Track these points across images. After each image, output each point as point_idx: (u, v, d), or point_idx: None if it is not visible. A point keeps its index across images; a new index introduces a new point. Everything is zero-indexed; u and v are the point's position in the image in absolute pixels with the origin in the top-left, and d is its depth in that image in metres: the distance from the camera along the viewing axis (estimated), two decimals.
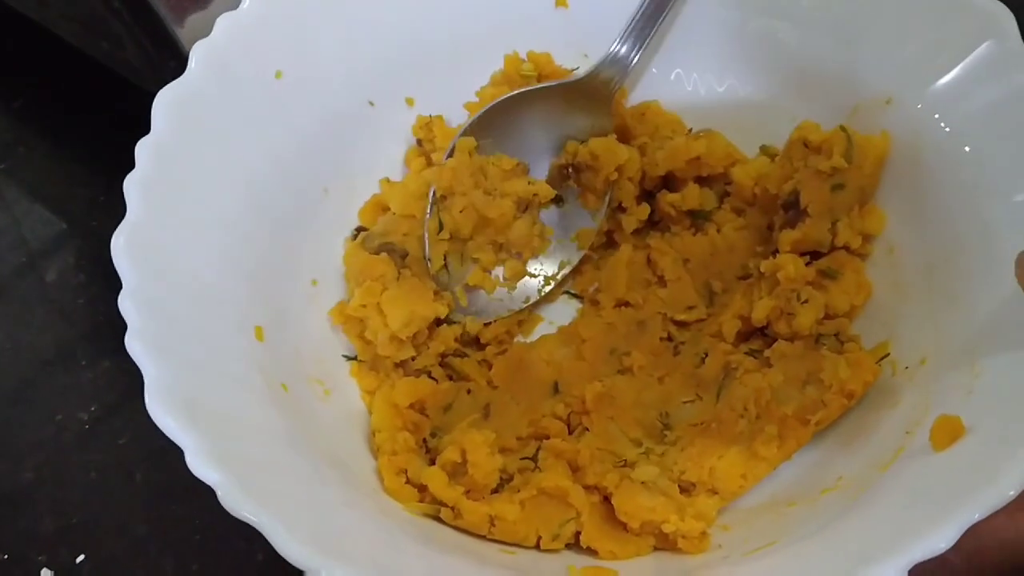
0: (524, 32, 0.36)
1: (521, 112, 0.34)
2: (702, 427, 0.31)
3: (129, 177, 0.29)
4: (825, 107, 0.34)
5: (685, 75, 0.35)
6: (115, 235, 0.27)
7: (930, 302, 0.30)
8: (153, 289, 0.27)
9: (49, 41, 0.43)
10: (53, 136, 0.45)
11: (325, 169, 0.34)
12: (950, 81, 0.31)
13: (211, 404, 0.26)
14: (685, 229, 0.35)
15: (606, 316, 0.35)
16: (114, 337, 0.30)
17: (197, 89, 0.31)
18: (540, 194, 0.34)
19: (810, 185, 0.32)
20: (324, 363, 0.32)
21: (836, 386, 0.29)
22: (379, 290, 0.32)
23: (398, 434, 0.30)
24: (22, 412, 0.37)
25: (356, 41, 0.34)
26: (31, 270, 0.41)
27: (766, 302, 0.31)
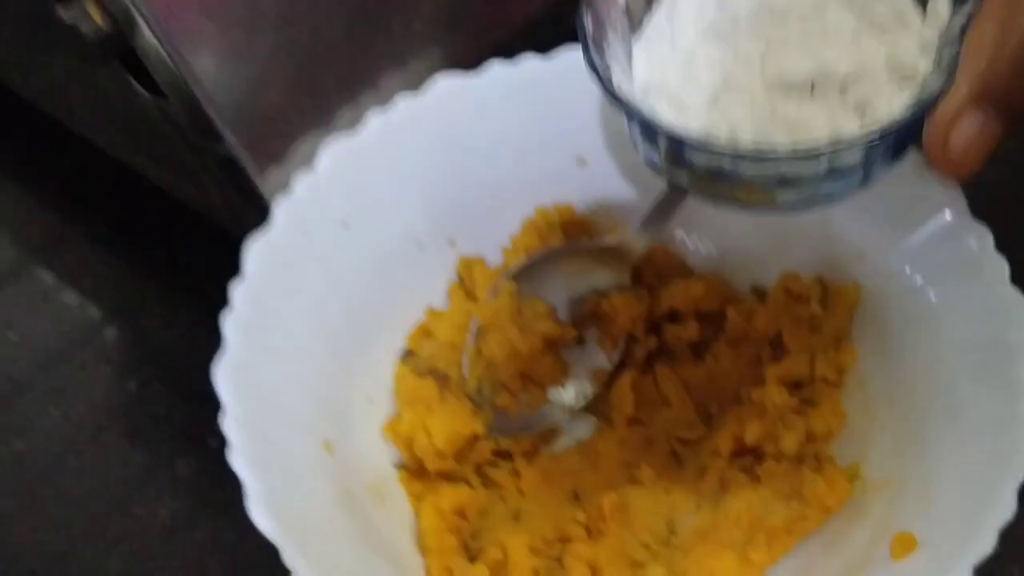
0: (550, 186, 0.42)
1: (556, 264, 0.40)
2: (702, 534, 0.36)
3: (226, 314, 0.34)
4: (806, 257, 0.39)
5: (687, 236, 0.41)
6: (216, 366, 0.33)
7: (894, 429, 0.35)
8: (248, 412, 0.32)
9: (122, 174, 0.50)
10: (126, 260, 0.51)
11: (379, 301, 0.40)
12: (915, 242, 0.36)
13: (296, 509, 0.31)
14: (687, 358, 0.41)
15: (619, 433, 0.40)
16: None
17: (279, 237, 0.37)
18: (565, 335, 0.40)
19: (792, 327, 0.38)
20: (378, 471, 0.38)
21: (815, 502, 0.34)
22: (425, 411, 0.38)
23: (444, 536, 0.35)
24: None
25: (409, 193, 0.40)
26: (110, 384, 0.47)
27: (757, 426, 0.37)
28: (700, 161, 0.29)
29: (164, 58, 0.35)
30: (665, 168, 0.31)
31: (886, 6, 0.29)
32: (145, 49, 0.36)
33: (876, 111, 0.28)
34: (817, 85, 0.28)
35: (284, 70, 0.38)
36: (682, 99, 0.29)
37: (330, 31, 0.39)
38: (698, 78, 0.29)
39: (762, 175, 0.29)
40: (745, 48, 0.29)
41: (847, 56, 0.28)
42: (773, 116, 0.28)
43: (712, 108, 0.29)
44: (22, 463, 0.45)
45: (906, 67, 0.28)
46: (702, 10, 0.31)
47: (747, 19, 0.29)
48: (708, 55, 0.30)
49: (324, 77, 0.40)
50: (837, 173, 0.28)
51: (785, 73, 0.28)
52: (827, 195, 0.30)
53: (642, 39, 0.31)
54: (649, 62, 0.31)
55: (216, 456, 0.43)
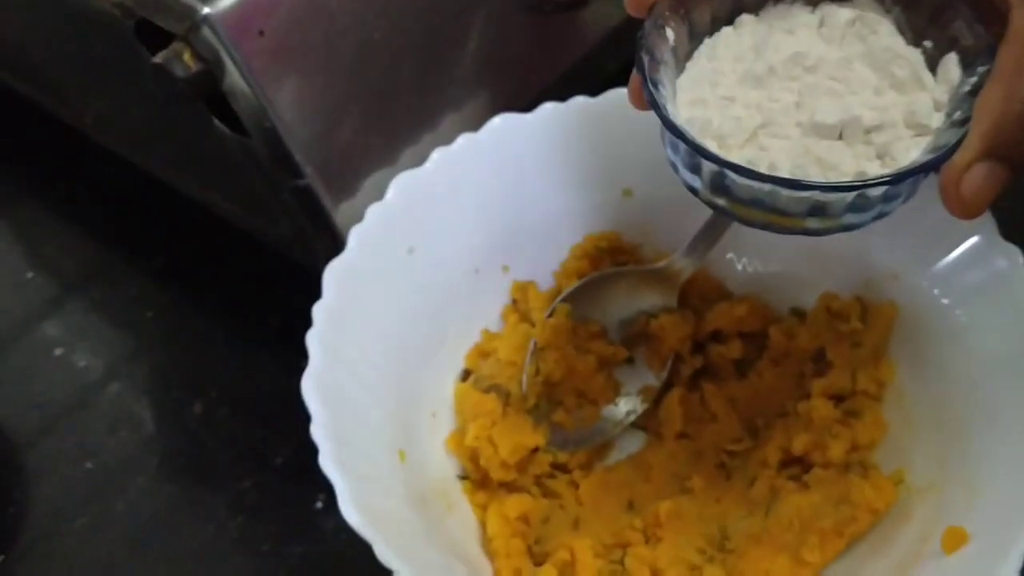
0: (598, 215, 0.45)
1: (608, 287, 0.43)
2: (755, 538, 0.38)
3: (310, 333, 0.37)
4: (842, 279, 0.42)
5: (736, 258, 0.44)
6: (304, 379, 0.35)
7: (935, 437, 0.37)
8: (332, 420, 0.35)
9: (186, 207, 0.52)
10: (192, 291, 0.54)
11: (441, 323, 0.42)
12: (947, 264, 0.38)
13: (378, 509, 0.33)
14: (731, 375, 0.43)
15: (668, 446, 0.42)
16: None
17: (354, 264, 0.39)
18: (616, 354, 0.42)
19: (834, 343, 0.40)
20: (444, 482, 0.40)
21: (864, 505, 0.36)
22: (490, 424, 0.40)
23: (511, 540, 0.37)
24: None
25: (466, 222, 0.43)
26: (176, 408, 0.49)
27: (804, 436, 0.39)
28: (741, 188, 0.32)
29: (251, 98, 0.38)
30: (705, 193, 0.34)
31: (904, 68, 0.32)
32: (232, 90, 0.39)
33: (896, 157, 0.31)
34: (845, 131, 0.32)
35: (357, 111, 0.42)
36: (723, 135, 0.32)
37: (397, 76, 0.42)
38: (737, 117, 0.32)
39: (796, 203, 0.32)
40: (780, 94, 0.33)
41: (871, 108, 0.32)
42: (807, 155, 0.31)
43: (751, 145, 0.32)
44: (94, 481, 0.47)
45: (921, 122, 0.32)
46: (740, 57, 0.34)
47: (782, 69, 0.33)
48: (746, 97, 0.33)
49: (392, 118, 0.43)
50: (860, 206, 0.32)
51: (818, 118, 0.32)
52: (848, 224, 0.33)
53: (685, 78, 0.34)
54: (691, 100, 0.33)
55: (280, 476, 0.46)
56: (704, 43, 0.34)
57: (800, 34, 0.34)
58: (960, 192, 0.30)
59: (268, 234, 0.47)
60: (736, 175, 0.31)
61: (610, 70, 0.51)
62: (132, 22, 0.40)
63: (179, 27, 0.38)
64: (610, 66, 0.51)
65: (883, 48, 0.33)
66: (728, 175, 0.31)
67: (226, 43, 0.37)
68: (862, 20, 0.33)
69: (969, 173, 0.29)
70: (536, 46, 0.48)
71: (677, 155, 0.34)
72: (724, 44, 0.34)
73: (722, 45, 0.34)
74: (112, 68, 0.46)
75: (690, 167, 0.33)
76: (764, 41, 0.33)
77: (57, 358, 0.51)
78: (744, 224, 0.34)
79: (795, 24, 0.34)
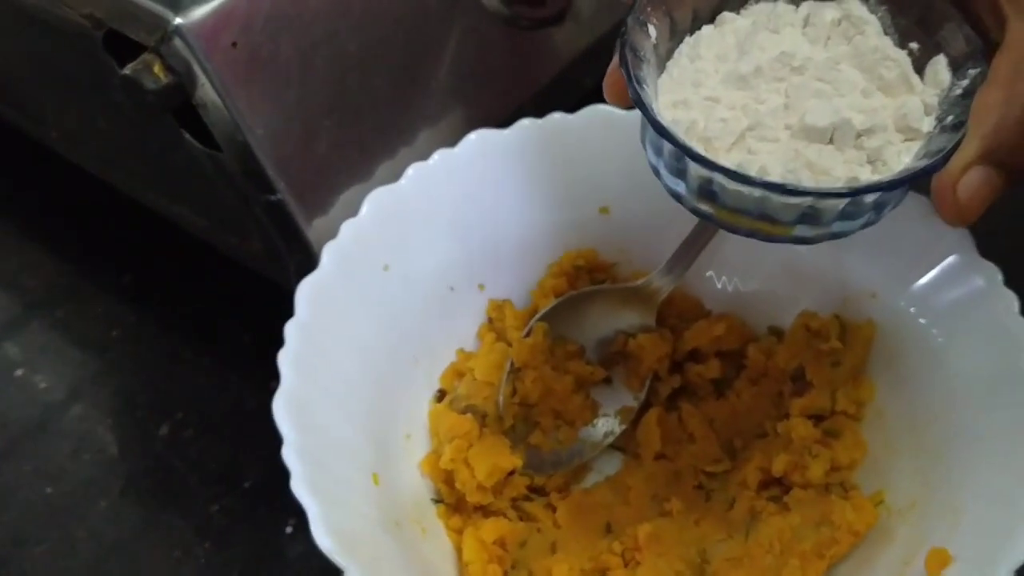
0: (574, 232, 0.44)
1: (585, 306, 0.42)
2: (735, 561, 0.37)
3: (282, 352, 0.36)
4: (821, 297, 0.42)
5: (715, 276, 0.44)
6: (275, 399, 0.34)
7: (915, 457, 0.37)
8: (305, 442, 0.34)
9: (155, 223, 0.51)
10: (160, 309, 0.52)
11: (416, 342, 0.42)
12: (925, 282, 0.38)
13: (352, 533, 0.32)
14: (709, 395, 0.43)
15: (646, 468, 0.42)
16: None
17: (327, 281, 0.38)
18: (594, 374, 0.42)
19: (813, 362, 0.40)
20: (418, 505, 0.39)
21: (845, 526, 0.36)
22: (466, 446, 0.39)
23: (488, 566, 0.37)
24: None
25: (442, 239, 0.42)
26: (142, 430, 0.48)
27: (783, 457, 0.38)
28: (730, 193, 0.31)
29: (222, 111, 0.38)
30: (690, 199, 0.32)
31: (892, 70, 0.32)
32: (204, 104, 0.38)
33: (887, 162, 0.31)
34: (836, 135, 0.31)
35: (331, 125, 0.41)
36: (710, 138, 0.31)
37: (373, 90, 0.42)
38: (724, 119, 0.31)
39: (787, 210, 0.31)
40: (767, 95, 0.32)
41: (860, 111, 0.31)
42: (797, 159, 0.31)
43: (739, 148, 0.31)
44: (54, 506, 0.45)
45: (912, 126, 0.31)
46: (723, 56, 0.33)
47: (768, 69, 0.32)
48: (731, 99, 0.32)
49: (367, 132, 0.42)
50: (851, 213, 0.31)
51: (809, 121, 0.31)
52: (837, 232, 0.32)
53: (666, 78, 0.33)
54: (673, 101, 0.32)
55: (249, 499, 0.44)
56: (685, 42, 0.33)
57: (785, 33, 0.33)
58: (956, 197, 0.29)
59: (240, 251, 0.46)
60: (726, 180, 0.30)
61: (587, 86, 0.50)
62: (101, 33, 0.39)
63: (149, 38, 0.37)
64: (587, 82, 0.50)
65: (871, 49, 0.32)
66: (716, 180, 0.30)
67: (198, 55, 0.37)
68: (848, 19, 0.33)
69: (965, 177, 0.29)
70: (513, 62, 0.48)
71: (660, 158, 0.33)
72: (706, 43, 0.33)
73: (704, 44, 0.33)
74: (80, 81, 0.44)
75: (674, 171, 0.32)
76: (748, 40, 0.33)
77: (18, 379, 0.50)
78: (729, 231, 0.33)
79: (779, 23, 0.33)
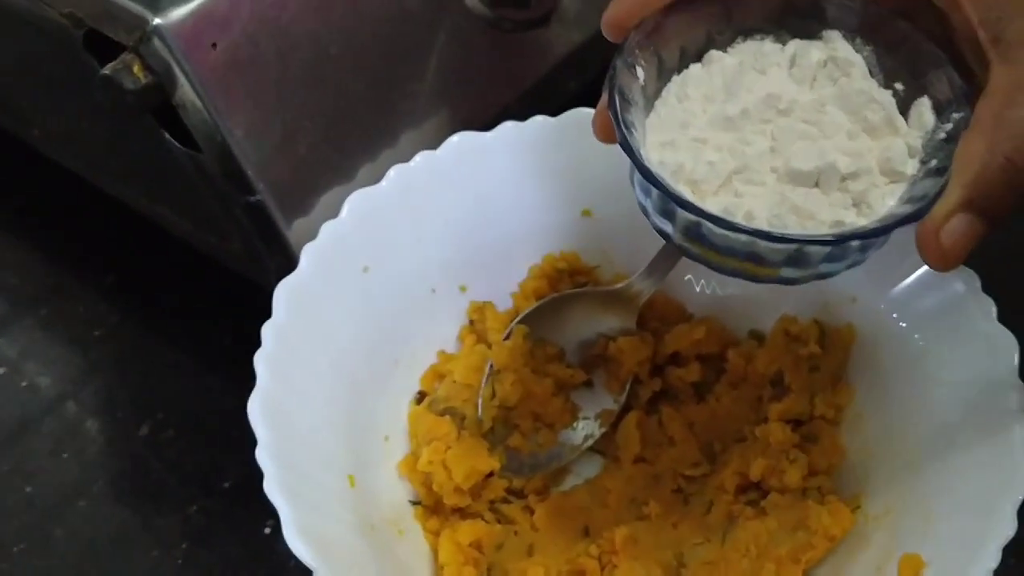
0: (556, 235, 0.44)
1: (566, 309, 0.42)
2: (712, 565, 0.37)
3: (258, 353, 0.36)
4: (801, 302, 0.42)
5: (695, 280, 0.44)
6: (250, 400, 0.34)
7: (892, 463, 0.37)
8: (279, 444, 0.33)
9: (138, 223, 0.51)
10: (142, 309, 0.52)
11: (396, 344, 0.42)
12: (904, 287, 0.38)
13: (325, 536, 0.32)
14: (690, 398, 0.43)
15: (625, 471, 0.42)
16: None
17: (306, 282, 0.38)
18: (574, 377, 0.42)
19: (792, 367, 0.40)
20: (396, 507, 0.39)
21: (821, 531, 0.36)
22: (444, 448, 0.39)
23: (463, 568, 0.36)
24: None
25: (424, 241, 0.42)
26: (122, 430, 0.47)
27: (761, 461, 0.38)
28: (717, 236, 0.31)
29: (202, 112, 0.38)
30: (678, 239, 0.33)
31: (877, 112, 0.32)
32: (184, 104, 0.38)
33: (872, 205, 0.31)
34: (821, 178, 0.31)
35: (312, 126, 0.41)
36: (697, 180, 0.31)
37: (354, 92, 0.42)
38: (711, 162, 0.31)
39: (774, 253, 0.31)
40: (753, 137, 0.32)
41: (845, 153, 0.31)
42: (783, 203, 0.31)
43: (725, 191, 0.31)
44: (33, 505, 0.45)
45: (896, 168, 0.31)
46: (710, 97, 0.33)
47: (755, 111, 0.32)
48: (718, 140, 0.32)
49: (348, 134, 0.42)
50: (837, 255, 0.32)
51: (794, 165, 0.31)
52: (823, 273, 0.33)
53: (654, 117, 0.33)
54: (661, 142, 0.32)
55: (228, 500, 0.44)
56: (673, 81, 0.33)
57: (771, 74, 0.33)
58: (940, 244, 0.29)
59: (221, 251, 0.46)
60: (714, 225, 0.30)
61: (571, 90, 0.50)
62: (81, 32, 0.39)
63: (129, 38, 0.37)
64: (571, 86, 0.50)
65: (856, 91, 0.32)
66: (704, 224, 0.31)
67: (177, 55, 0.36)
68: (834, 61, 0.33)
69: (948, 225, 0.29)
70: (496, 65, 0.47)
71: (648, 198, 0.33)
72: (694, 83, 0.33)
73: (692, 84, 0.33)
74: (61, 80, 0.44)
75: (662, 212, 0.32)
76: (735, 81, 0.33)
77: None
78: (717, 271, 0.33)
79: (766, 63, 0.33)
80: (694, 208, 0.30)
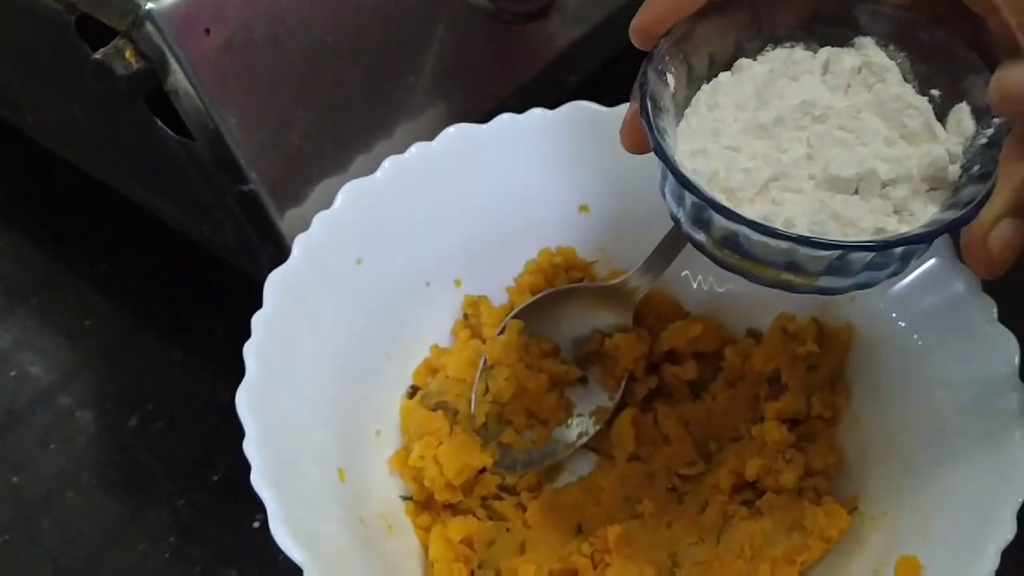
0: (553, 230, 0.44)
1: (562, 304, 0.42)
2: (705, 566, 0.37)
3: (247, 344, 0.35)
4: (799, 300, 0.41)
5: (692, 276, 0.43)
6: (238, 392, 0.34)
7: (889, 463, 0.36)
8: (267, 436, 0.33)
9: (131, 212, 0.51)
10: (134, 300, 0.52)
11: (389, 337, 0.41)
12: (904, 287, 0.38)
13: (313, 530, 0.32)
14: (685, 396, 0.42)
15: (620, 469, 0.41)
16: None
17: (298, 273, 0.38)
18: (569, 373, 0.41)
19: (789, 366, 0.39)
20: (386, 502, 0.38)
21: (816, 532, 0.35)
22: (436, 443, 0.39)
23: (453, 565, 0.36)
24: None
25: (418, 234, 0.42)
26: (111, 421, 0.47)
27: (756, 461, 0.38)
28: (755, 245, 0.30)
29: (194, 99, 0.37)
30: (712, 249, 0.32)
31: (915, 118, 0.31)
32: (176, 91, 0.37)
33: (914, 212, 0.30)
34: (861, 185, 0.30)
35: (306, 115, 0.40)
36: (733, 188, 0.30)
37: (349, 82, 0.41)
38: (746, 169, 0.30)
39: (814, 262, 0.30)
40: (788, 144, 0.31)
41: (884, 160, 0.31)
42: (823, 210, 0.30)
43: (762, 199, 0.31)
44: (19, 496, 0.44)
45: (938, 175, 0.30)
46: (742, 105, 0.32)
47: (789, 118, 0.31)
48: (752, 148, 0.31)
49: (343, 124, 0.42)
50: (879, 263, 0.31)
51: (834, 171, 0.30)
52: (863, 283, 0.31)
53: (684, 126, 0.32)
54: (692, 150, 0.32)
55: (217, 493, 0.44)
56: (702, 89, 0.33)
57: (804, 80, 0.32)
58: (987, 249, 0.28)
59: (213, 241, 0.46)
60: (752, 232, 0.29)
61: (570, 84, 0.50)
62: (73, 17, 0.38)
63: (121, 23, 0.36)
64: (570, 80, 0.50)
65: (892, 97, 0.31)
66: (742, 232, 0.30)
67: (170, 41, 0.36)
68: (868, 67, 0.32)
69: (995, 230, 0.28)
70: (495, 56, 0.47)
71: (681, 208, 0.32)
72: (724, 91, 0.32)
73: (722, 92, 0.32)
74: (53, 66, 0.44)
75: (696, 222, 0.31)
76: (767, 88, 0.32)
77: None
78: (753, 281, 0.32)
79: (798, 70, 0.32)
80: (733, 215, 0.29)
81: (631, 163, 0.43)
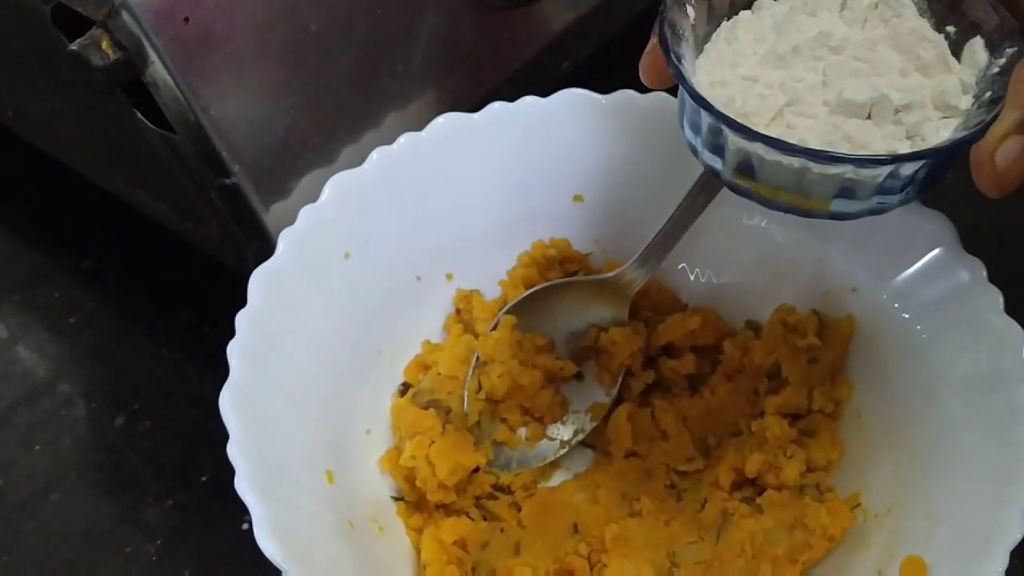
0: (547, 221, 0.43)
1: (556, 298, 0.41)
2: (705, 565, 0.36)
3: (231, 344, 0.34)
4: (800, 291, 0.40)
5: (689, 268, 0.42)
6: (222, 393, 0.33)
7: (893, 459, 0.36)
8: (253, 439, 0.32)
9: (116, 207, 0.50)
10: (120, 296, 0.51)
11: (379, 333, 0.40)
12: (907, 277, 0.37)
13: (300, 536, 0.31)
14: (684, 391, 0.41)
15: (617, 465, 0.40)
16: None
17: (283, 269, 0.37)
18: (564, 369, 0.40)
19: (790, 359, 0.38)
20: (377, 503, 0.37)
21: (819, 530, 0.35)
22: (427, 443, 0.38)
23: (446, 567, 0.35)
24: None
25: (408, 227, 0.41)
26: (97, 421, 0.46)
27: (757, 457, 0.37)
28: (768, 166, 0.31)
29: (174, 91, 0.36)
30: (728, 175, 0.33)
31: (929, 50, 0.32)
32: (155, 82, 0.36)
33: (926, 138, 0.31)
34: (874, 110, 0.31)
35: (290, 105, 0.39)
36: (748, 114, 0.31)
37: (335, 71, 0.40)
38: (762, 96, 0.32)
39: (826, 181, 0.31)
40: (804, 74, 0.32)
41: (898, 89, 0.31)
42: (836, 132, 0.31)
43: (777, 123, 0.32)
44: (3, 498, 0.43)
45: (950, 103, 0.31)
46: (761, 38, 0.33)
47: (806, 49, 0.32)
48: (769, 77, 0.32)
49: (329, 115, 0.41)
50: (890, 186, 0.31)
51: (847, 96, 0.31)
52: (876, 208, 0.32)
53: (703, 59, 0.33)
54: (711, 81, 0.33)
55: (205, 494, 0.43)
56: (722, 26, 0.34)
57: (822, 16, 0.33)
58: (994, 166, 0.29)
59: (198, 237, 0.44)
60: (766, 150, 0.30)
61: (563, 70, 0.49)
62: (49, 7, 0.37)
63: (97, 12, 0.35)
64: (563, 66, 0.49)
65: (908, 31, 0.32)
66: (755, 153, 0.31)
67: (147, 30, 0.35)
68: (885, 3, 0.33)
69: (1003, 146, 0.29)
70: (485, 44, 0.46)
71: (697, 136, 0.33)
72: (744, 27, 0.33)
73: (742, 28, 0.33)
74: (30, 58, 0.43)
75: (712, 148, 0.32)
76: (786, 22, 0.33)
77: None
78: (767, 207, 0.33)
79: (817, 6, 0.33)
80: (747, 130, 0.30)
81: (626, 151, 0.42)
